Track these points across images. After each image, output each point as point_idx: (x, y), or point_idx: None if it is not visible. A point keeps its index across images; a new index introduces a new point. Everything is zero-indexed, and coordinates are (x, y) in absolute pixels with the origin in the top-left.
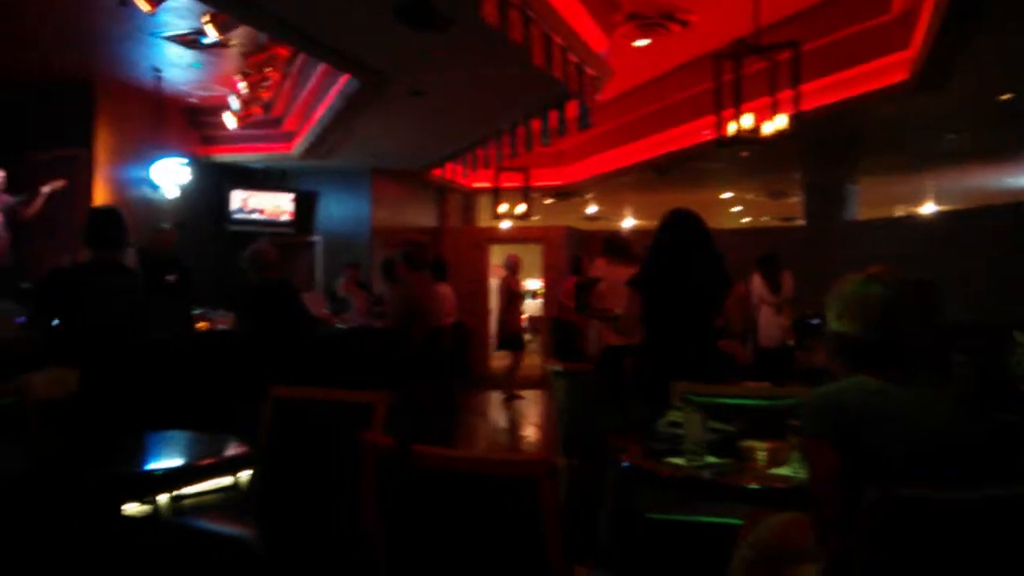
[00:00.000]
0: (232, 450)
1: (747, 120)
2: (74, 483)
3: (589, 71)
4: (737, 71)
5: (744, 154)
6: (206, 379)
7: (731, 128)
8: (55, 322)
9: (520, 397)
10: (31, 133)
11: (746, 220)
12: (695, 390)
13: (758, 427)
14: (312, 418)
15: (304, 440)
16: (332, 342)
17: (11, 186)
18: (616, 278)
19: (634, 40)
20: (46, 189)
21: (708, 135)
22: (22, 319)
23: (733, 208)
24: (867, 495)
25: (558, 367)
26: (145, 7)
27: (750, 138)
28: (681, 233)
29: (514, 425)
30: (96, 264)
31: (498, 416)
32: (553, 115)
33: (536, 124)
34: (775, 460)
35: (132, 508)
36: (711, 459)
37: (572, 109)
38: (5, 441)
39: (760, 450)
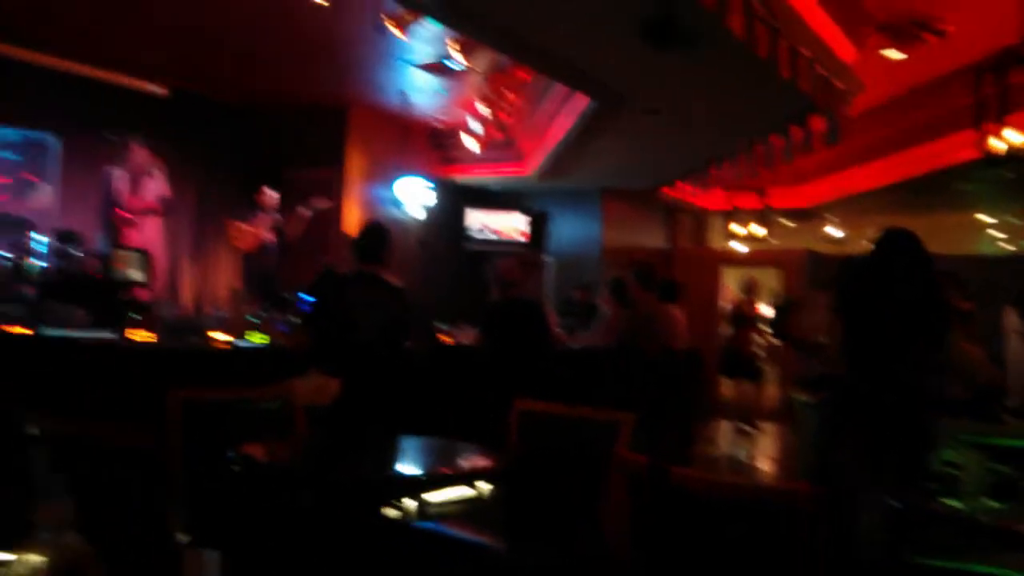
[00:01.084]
0: (480, 460)
1: (1016, 137)
2: (339, 484)
3: (837, 84)
4: (1001, 83)
5: (1010, 175)
6: (450, 391)
7: (996, 145)
8: (318, 329)
9: (755, 427)
10: (291, 154)
11: (1010, 248)
12: (966, 429)
13: None
14: (556, 432)
15: (548, 453)
16: (567, 360)
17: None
18: None
19: (885, 51)
20: (306, 211)
21: (967, 153)
22: (283, 326)
23: (993, 233)
24: None
25: (803, 396)
26: (399, 34)
27: (1021, 156)
28: (891, 255)
29: (747, 455)
30: (360, 276)
31: (731, 445)
32: (796, 131)
33: (777, 141)
34: None
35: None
36: (991, 503)
37: (816, 124)
38: (273, 441)
39: None
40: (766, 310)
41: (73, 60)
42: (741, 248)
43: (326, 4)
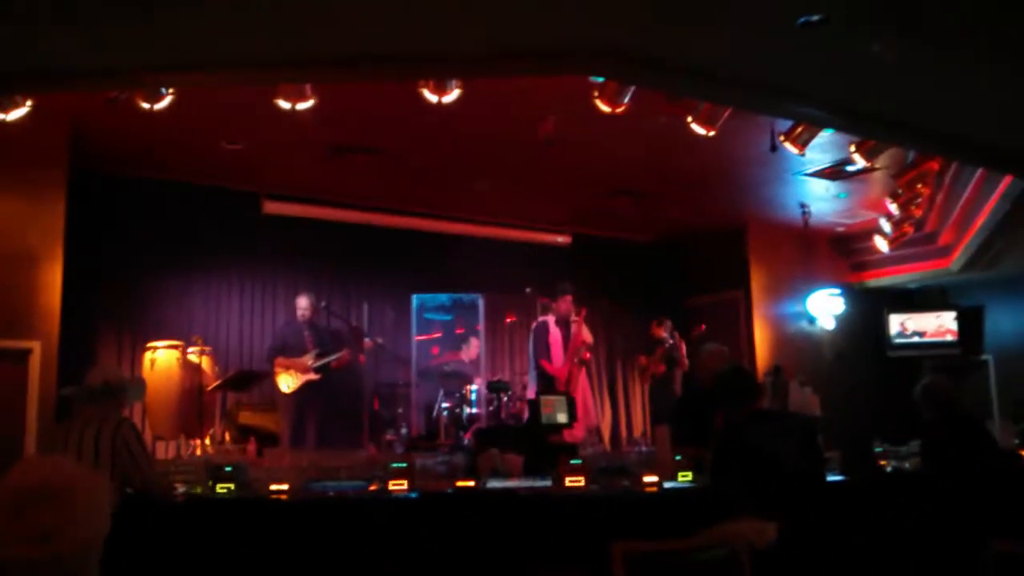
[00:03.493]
0: None
1: None
2: None
3: None
4: None
5: None
6: (899, 526)
7: None
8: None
9: None
10: (694, 280)
11: None
12: None
13: None
14: None
15: None
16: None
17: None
18: None
19: None
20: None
21: None
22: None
23: None
24: None
25: None
26: (796, 150)
27: None
28: None
29: None
30: (755, 415)
31: None
32: None
33: None
34: None
35: None
36: None
37: None
38: None
39: None
40: None
41: (487, 226)
42: None
43: (713, 133)
